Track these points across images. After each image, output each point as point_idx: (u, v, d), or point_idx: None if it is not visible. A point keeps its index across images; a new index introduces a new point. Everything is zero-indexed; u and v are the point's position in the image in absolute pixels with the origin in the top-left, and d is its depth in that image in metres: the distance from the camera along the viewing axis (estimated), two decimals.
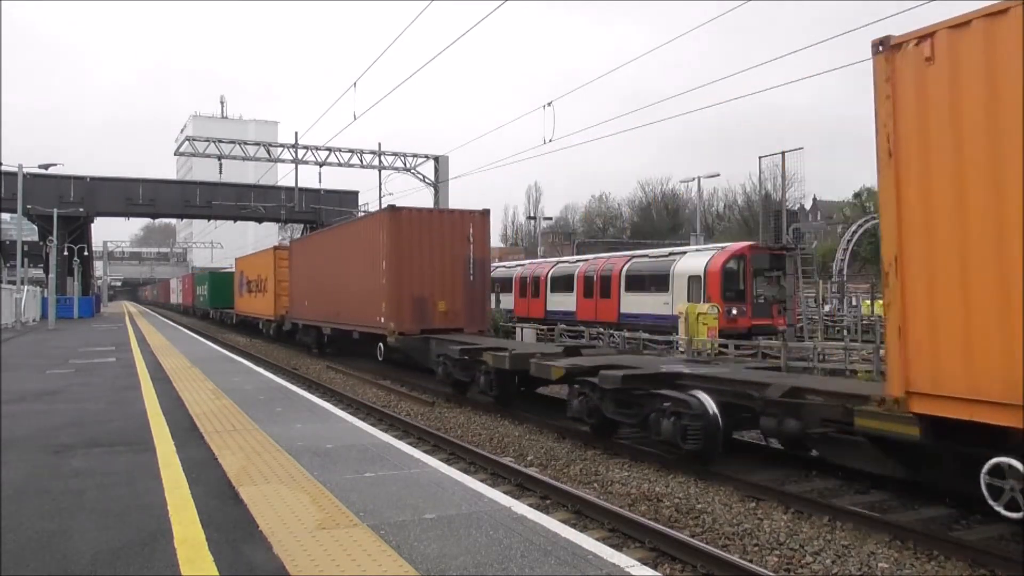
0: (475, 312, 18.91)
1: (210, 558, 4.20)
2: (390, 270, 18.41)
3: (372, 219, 20.72)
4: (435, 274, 18.46)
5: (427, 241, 18.54)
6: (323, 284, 24.12)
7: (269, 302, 31.85)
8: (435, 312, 18.44)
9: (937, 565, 6.16)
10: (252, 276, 36.36)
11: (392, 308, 18.26)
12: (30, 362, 16.69)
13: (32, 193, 38.41)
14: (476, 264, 18.91)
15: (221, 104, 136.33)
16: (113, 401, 10.48)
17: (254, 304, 35.91)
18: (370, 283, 19.41)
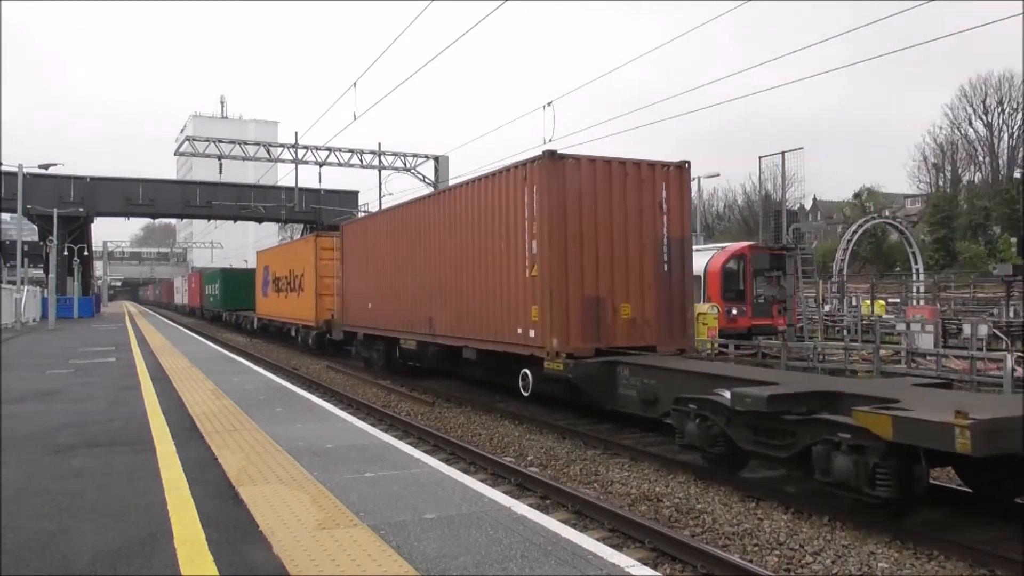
0: (673, 320, 12.50)
1: (210, 558, 4.20)
2: (548, 254, 11.62)
3: (510, 175, 12.61)
4: (614, 262, 12.04)
5: (602, 208, 12.01)
6: (402, 279, 17.18)
7: (307, 304, 25.30)
8: (616, 321, 12.01)
9: (937, 565, 6.16)
10: (281, 272, 29.84)
11: (552, 315, 11.54)
12: (30, 362, 16.69)
13: (32, 193, 38.42)
14: (672, 247, 12.51)
15: (221, 104, 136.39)
16: (113, 401, 10.48)
17: (284, 306, 29.35)
18: (504, 276, 12.76)
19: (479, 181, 13.74)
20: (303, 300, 26.06)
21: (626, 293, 12.10)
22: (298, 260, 27.06)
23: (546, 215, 11.63)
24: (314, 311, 24.53)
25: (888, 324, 24.94)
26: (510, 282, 12.60)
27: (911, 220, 60.93)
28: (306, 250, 25.96)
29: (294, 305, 27.52)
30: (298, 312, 26.86)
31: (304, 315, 25.87)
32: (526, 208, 12.09)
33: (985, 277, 42.46)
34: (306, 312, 25.52)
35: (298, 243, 28.98)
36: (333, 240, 23.62)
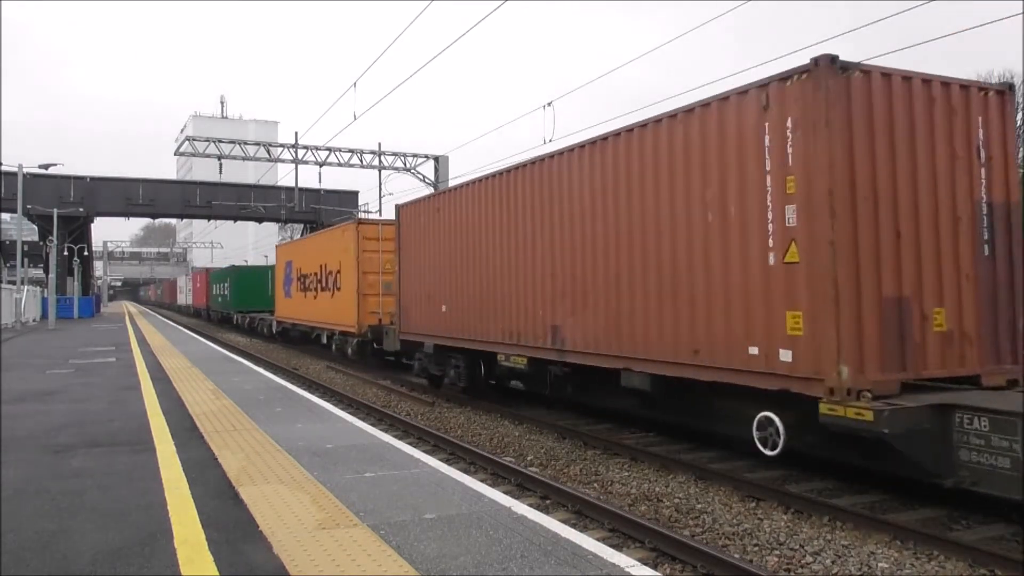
0: (999, 333, 7.93)
1: (210, 558, 4.20)
2: (826, 228, 7.08)
3: (732, 104, 8.18)
4: (921, 242, 7.58)
5: (902, 155, 7.52)
6: (501, 271, 12.73)
7: (345, 305, 21.00)
8: (926, 336, 7.51)
9: (937, 565, 6.16)
10: (308, 268, 25.66)
11: (839, 327, 7.00)
12: (30, 362, 16.69)
13: (32, 193, 38.44)
14: (996, 217, 8.00)
15: (221, 104, 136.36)
16: (113, 401, 10.48)
17: (313, 308, 24.92)
18: (719, 262, 8.28)
19: (659, 123, 9.10)
20: (340, 301, 21.65)
21: (938, 291, 7.58)
22: (333, 253, 22.57)
23: (822, 164, 7.07)
24: (355, 314, 20.31)
25: None
26: (735, 273, 8.01)
27: None
28: (344, 240, 21.30)
29: (327, 307, 23.03)
30: (332, 315, 22.43)
31: (341, 319, 21.51)
32: (770, 154, 7.58)
33: None
34: (344, 315, 21.21)
35: (332, 233, 23.34)
36: (378, 228, 20.32)
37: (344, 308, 21.26)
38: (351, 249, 20.66)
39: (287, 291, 29.09)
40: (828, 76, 7.16)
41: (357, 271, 20.32)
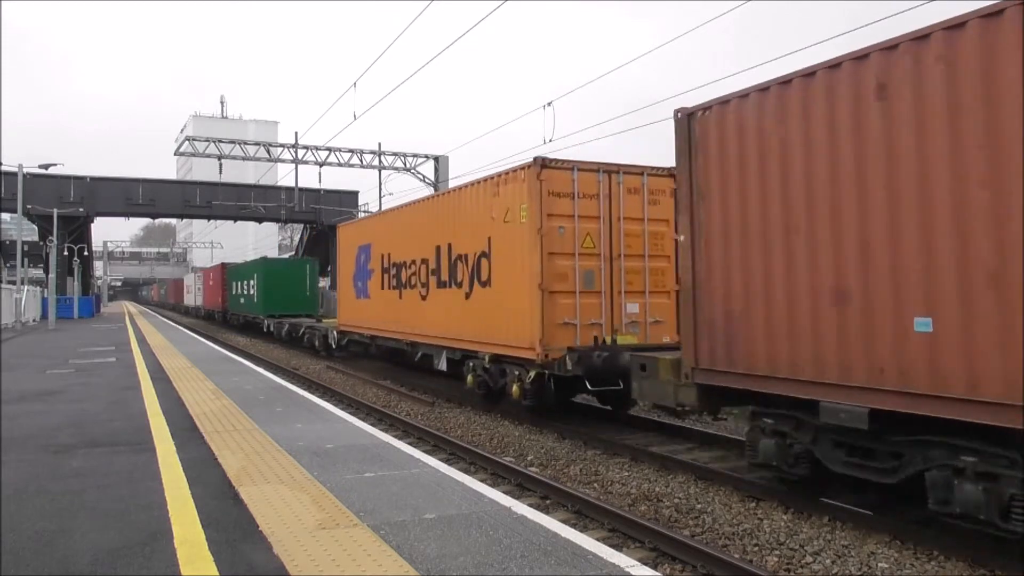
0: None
1: (210, 558, 4.20)
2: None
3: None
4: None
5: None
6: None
7: (504, 311, 12.41)
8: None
9: (937, 565, 6.16)
10: (411, 252, 16.53)
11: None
12: (30, 362, 16.70)
13: (32, 193, 38.44)
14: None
15: (221, 104, 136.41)
16: (113, 401, 10.48)
17: (419, 314, 16.01)
18: None
19: None
20: (490, 303, 12.92)
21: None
22: (467, 224, 13.76)
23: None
24: (533, 326, 11.52)
25: None
26: None
27: None
28: (504, 200, 12.46)
29: (454, 313, 14.19)
30: (468, 326, 13.65)
31: (493, 334, 12.73)
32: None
33: None
34: (500, 328, 12.46)
35: (470, 192, 13.88)
36: (572, 177, 11.68)
37: (500, 316, 12.39)
38: (523, 213, 11.74)
39: (361, 288, 20.05)
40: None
41: (538, 251, 11.43)
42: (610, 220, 11.83)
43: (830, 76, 6.57)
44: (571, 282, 11.55)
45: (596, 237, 11.73)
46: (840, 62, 6.49)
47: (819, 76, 6.68)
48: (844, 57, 6.47)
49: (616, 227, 11.85)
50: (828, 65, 6.60)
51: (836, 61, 6.54)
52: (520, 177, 11.92)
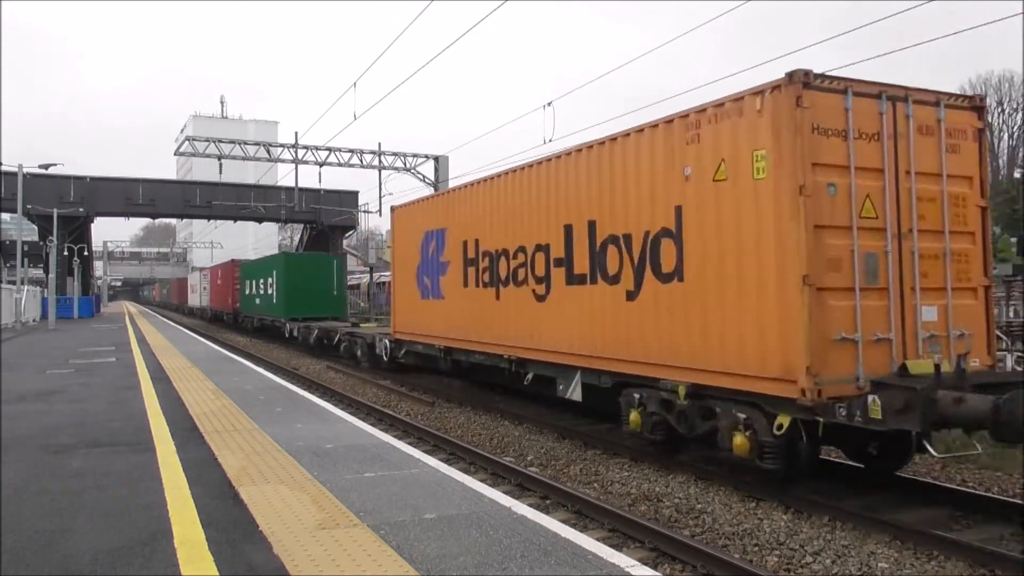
0: None
1: (210, 558, 4.20)
2: None
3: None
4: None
5: None
6: None
7: (738, 320, 7.74)
8: None
9: (937, 565, 6.16)
10: (519, 236, 12.07)
11: None
12: (30, 362, 16.70)
13: (32, 193, 38.44)
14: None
15: (221, 104, 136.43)
16: (113, 401, 10.48)
17: (548, 321, 11.21)
18: None
19: None
20: (696, 303, 8.42)
21: None
22: (635, 189, 9.39)
23: None
24: (795, 343, 7.15)
25: None
26: None
27: None
28: (727, 142, 7.95)
29: (607, 319, 9.92)
30: (640, 337, 9.28)
31: (706, 352, 8.24)
32: None
33: None
34: (723, 343, 8.01)
35: (649, 136, 9.11)
36: (841, 103, 7.42)
37: (709, 325, 8.25)
38: (760, 165, 7.63)
39: (430, 287, 15.50)
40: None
41: (800, 223, 7.16)
42: (896, 175, 7.63)
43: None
44: (847, 273, 7.29)
45: (879, 201, 7.53)
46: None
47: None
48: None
49: (904, 186, 7.65)
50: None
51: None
52: (755, 107, 7.59)
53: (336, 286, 28.92)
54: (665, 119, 8.84)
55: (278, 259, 31.83)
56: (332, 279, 28.67)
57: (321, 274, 29.01)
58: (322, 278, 28.82)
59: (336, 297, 28.84)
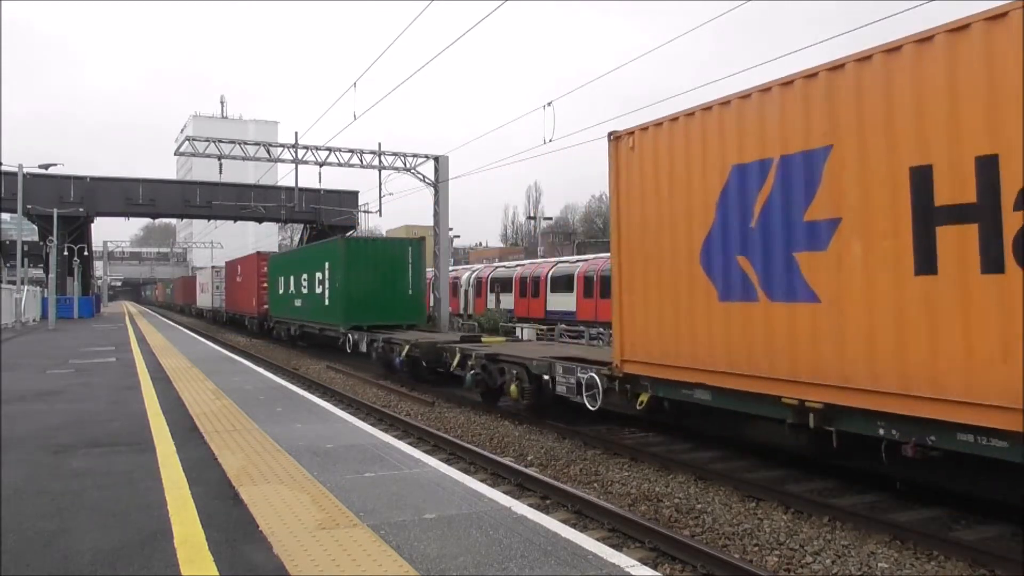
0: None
1: (210, 558, 4.20)
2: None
3: None
4: None
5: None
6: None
7: None
8: None
9: (937, 565, 6.16)
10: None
11: None
12: (30, 362, 16.69)
13: (32, 193, 38.44)
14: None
15: (221, 104, 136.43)
16: (113, 401, 10.48)
17: None
18: None
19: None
20: None
21: None
22: None
23: None
24: None
25: None
26: None
27: None
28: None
29: None
30: None
31: None
32: None
33: None
34: None
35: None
36: None
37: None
38: None
39: (755, 273, 8.06)
40: None
41: None
42: None
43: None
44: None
45: None
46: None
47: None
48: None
49: None
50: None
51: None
52: None
53: (412, 283, 21.60)
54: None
55: (334, 246, 22.73)
56: (407, 274, 21.40)
57: (396, 266, 21.51)
58: (397, 271, 21.44)
59: (412, 297, 21.60)
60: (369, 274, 21.35)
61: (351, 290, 21.28)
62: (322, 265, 23.67)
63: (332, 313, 22.30)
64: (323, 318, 23.38)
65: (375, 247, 22.47)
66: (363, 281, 21.29)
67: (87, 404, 10.19)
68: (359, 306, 21.14)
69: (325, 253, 23.73)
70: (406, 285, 21.65)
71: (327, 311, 22.89)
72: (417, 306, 22.00)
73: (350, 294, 21.27)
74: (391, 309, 21.32)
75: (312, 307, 24.59)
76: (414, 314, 21.79)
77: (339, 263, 21.75)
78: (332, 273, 22.53)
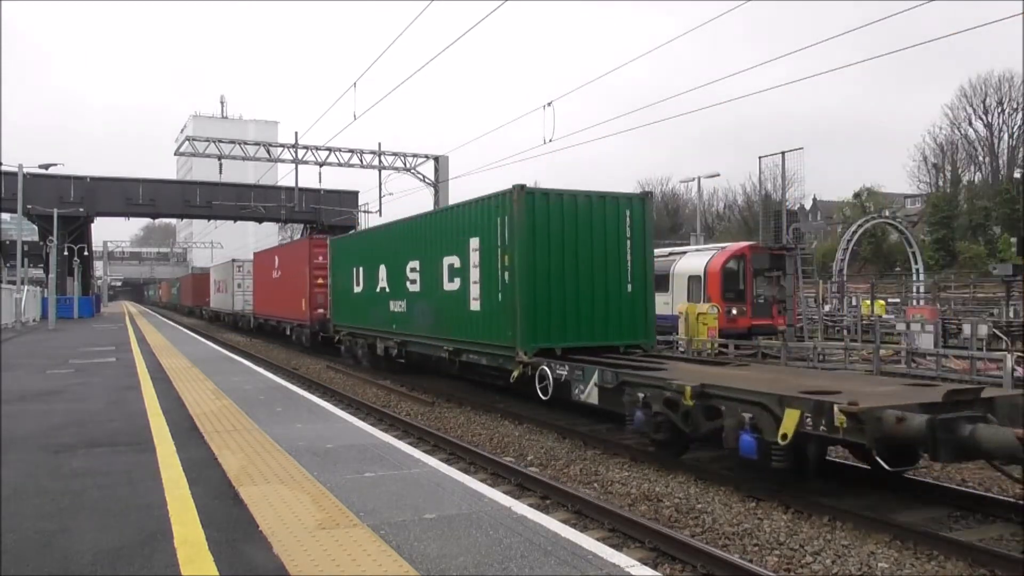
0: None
1: (210, 558, 4.20)
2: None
3: None
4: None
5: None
6: None
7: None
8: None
9: (937, 565, 6.16)
10: None
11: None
12: (30, 362, 16.69)
13: (32, 193, 38.44)
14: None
15: (221, 104, 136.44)
16: (113, 401, 10.48)
17: None
18: None
19: None
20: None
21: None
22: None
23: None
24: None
25: (888, 324, 24.97)
26: None
27: (911, 220, 61.05)
28: None
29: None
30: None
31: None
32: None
33: (985, 277, 42.50)
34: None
35: None
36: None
37: None
38: None
39: None
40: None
41: None
42: None
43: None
44: None
45: None
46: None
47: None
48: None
49: None
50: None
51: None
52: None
53: (635, 272, 13.04)
54: None
55: (499, 205, 12.81)
56: (628, 255, 12.98)
57: (608, 243, 12.88)
58: (609, 252, 12.88)
59: (633, 298, 13.01)
60: (561, 258, 12.41)
61: (536, 286, 12.18)
62: (461, 243, 13.88)
63: (489, 326, 13.04)
64: (464, 333, 13.95)
65: (573, 207, 12.54)
66: (552, 270, 12.33)
67: (87, 404, 10.20)
68: (548, 315, 12.28)
69: (475, 218, 13.53)
70: (623, 276, 12.81)
71: (475, 322, 13.53)
72: (640, 312, 13.03)
73: (535, 292, 12.16)
74: (601, 320, 12.65)
75: (433, 313, 15.27)
76: (636, 327, 12.97)
77: (511, 236, 12.26)
78: (488, 255, 13.01)
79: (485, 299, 13.30)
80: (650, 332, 13.24)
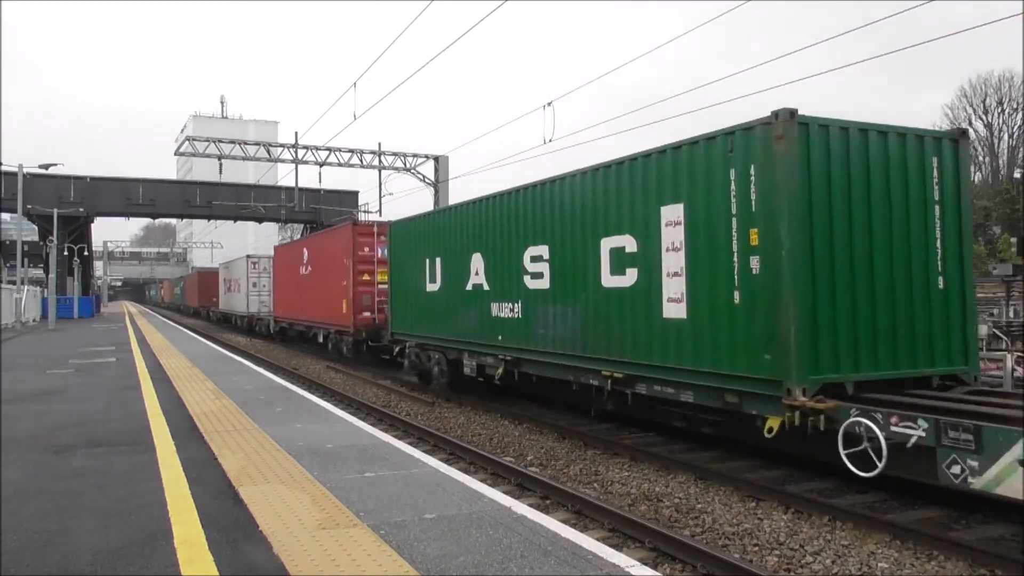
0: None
1: (210, 558, 4.20)
2: None
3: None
4: None
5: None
6: None
7: None
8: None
9: (937, 565, 6.16)
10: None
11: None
12: (30, 362, 16.69)
13: (32, 193, 38.46)
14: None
15: (221, 104, 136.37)
16: (113, 401, 10.48)
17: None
18: None
19: None
20: None
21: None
22: None
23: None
24: None
25: None
26: None
27: None
28: None
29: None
30: None
31: None
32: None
33: (985, 277, 42.50)
34: None
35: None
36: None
37: None
38: None
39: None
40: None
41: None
42: None
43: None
44: None
45: None
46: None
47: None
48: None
49: None
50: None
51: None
52: None
53: (947, 258, 8.38)
54: None
55: (737, 145, 7.98)
56: (938, 231, 8.35)
57: (914, 206, 8.26)
58: (918, 223, 8.27)
59: (947, 299, 8.37)
60: (847, 235, 7.94)
61: (816, 281, 7.68)
62: (642, 216, 9.49)
63: (707, 343, 8.44)
64: (646, 352, 9.36)
65: (862, 151, 8.14)
66: (836, 256, 7.85)
67: (87, 404, 10.20)
68: (833, 328, 7.75)
69: (672, 174, 8.98)
70: (931, 264, 8.41)
71: (673, 336, 8.95)
72: (957, 321, 8.51)
73: (813, 291, 7.65)
74: (906, 333, 8.18)
75: (578, 321, 10.74)
76: (952, 345, 8.47)
77: (765, 198, 7.76)
78: (707, 231, 8.45)
79: (698, 300, 8.56)
80: (972, 353, 8.56)
